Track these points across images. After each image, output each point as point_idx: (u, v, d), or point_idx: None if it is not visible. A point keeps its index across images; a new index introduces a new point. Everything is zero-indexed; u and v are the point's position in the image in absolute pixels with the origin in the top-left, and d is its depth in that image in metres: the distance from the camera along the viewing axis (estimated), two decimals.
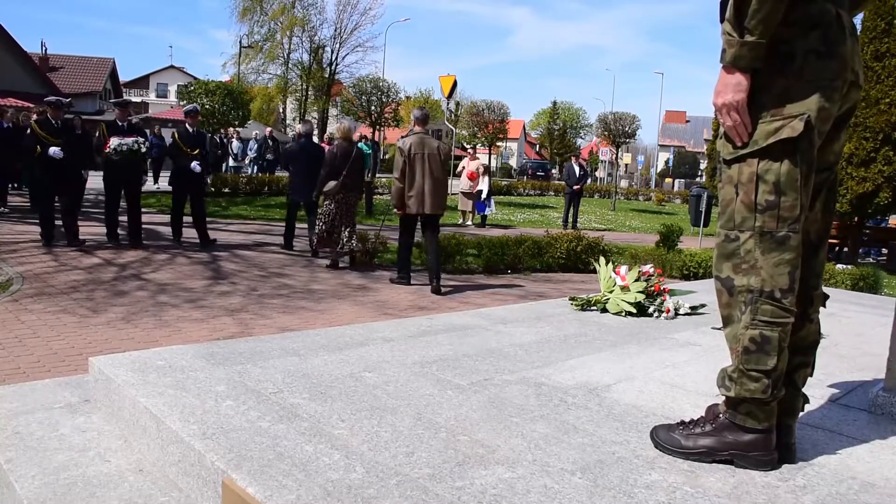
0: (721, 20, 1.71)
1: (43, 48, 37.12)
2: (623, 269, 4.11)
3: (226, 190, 16.14)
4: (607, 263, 4.26)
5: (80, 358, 4.12)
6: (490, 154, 44.66)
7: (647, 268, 4.18)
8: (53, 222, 8.18)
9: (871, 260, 14.29)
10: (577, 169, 17.06)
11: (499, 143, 48.70)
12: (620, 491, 1.65)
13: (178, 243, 8.99)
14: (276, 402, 2.13)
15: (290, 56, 37.51)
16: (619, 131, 29.82)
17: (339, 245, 7.97)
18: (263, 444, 1.79)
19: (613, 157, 32.41)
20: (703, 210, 13.52)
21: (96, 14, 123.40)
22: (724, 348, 1.91)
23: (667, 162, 61.97)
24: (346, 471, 1.66)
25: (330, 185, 7.79)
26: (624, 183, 43.79)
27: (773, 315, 1.70)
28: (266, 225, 11.72)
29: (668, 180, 53.19)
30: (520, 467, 1.75)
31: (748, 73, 1.67)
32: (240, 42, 35.76)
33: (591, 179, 31.08)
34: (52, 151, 7.80)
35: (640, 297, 3.91)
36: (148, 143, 8.61)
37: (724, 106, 1.69)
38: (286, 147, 10.82)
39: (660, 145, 64.47)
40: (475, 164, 15.54)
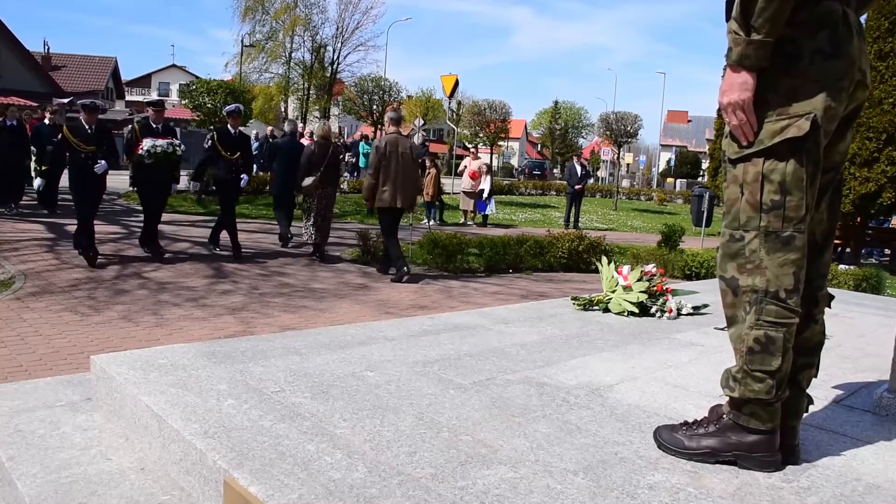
0: (727, 19, 1.70)
1: (45, 47, 37.24)
2: (625, 268, 4.09)
3: None
4: (609, 263, 4.24)
5: (81, 356, 4.13)
6: (491, 153, 44.66)
7: (650, 268, 4.16)
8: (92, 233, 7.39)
9: (873, 260, 14.25)
10: (578, 169, 17.06)
11: (500, 143, 48.72)
12: (623, 492, 1.64)
13: (214, 250, 8.55)
14: (278, 401, 2.13)
15: (292, 55, 37.51)
16: (620, 131, 29.84)
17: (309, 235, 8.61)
18: (265, 443, 1.78)
19: (615, 156, 32.43)
20: (705, 210, 13.49)
21: (98, 13, 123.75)
22: (727, 349, 1.90)
23: (668, 162, 61.92)
24: (348, 470, 1.66)
25: (308, 181, 8.26)
26: (626, 183, 43.72)
27: (778, 315, 1.69)
28: (267, 224, 11.72)
29: (669, 180, 53.11)
30: (522, 467, 1.74)
31: (754, 72, 1.65)
32: (241, 41, 35.78)
33: (593, 179, 31.05)
34: (98, 168, 7.13)
35: (643, 297, 3.90)
36: (183, 147, 7.94)
37: (730, 105, 1.68)
38: (272, 142, 11.35)
39: (661, 145, 64.36)
40: (477, 164, 15.58)
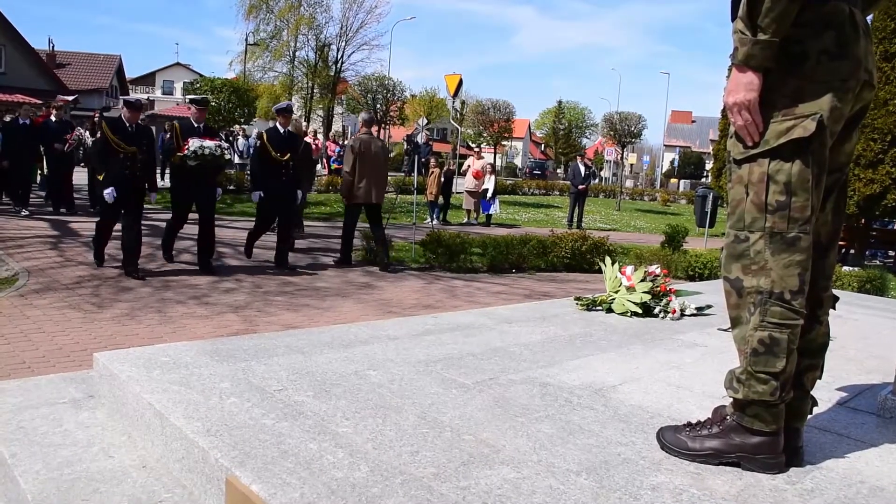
0: (732, 18, 1.69)
1: (50, 45, 37.28)
2: (629, 269, 4.08)
3: (231, 187, 16.20)
4: (613, 263, 4.23)
5: (84, 353, 4.13)
6: (495, 153, 44.65)
7: (653, 268, 4.15)
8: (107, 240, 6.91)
9: (877, 262, 14.19)
10: (582, 169, 17.03)
11: (504, 143, 48.70)
12: (626, 493, 1.63)
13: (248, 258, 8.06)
14: (281, 400, 2.13)
15: (296, 54, 37.52)
16: (624, 131, 29.79)
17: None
18: (267, 442, 1.78)
19: (619, 156, 32.35)
20: (709, 211, 13.48)
21: (103, 11, 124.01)
22: (731, 349, 1.89)
23: (672, 162, 61.82)
24: (350, 469, 1.65)
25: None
26: (629, 183, 43.66)
27: (783, 317, 1.68)
28: None
29: (673, 181, 53.05)
30: (525, 468, 1.74)
31: (760, 73, 1.64)
32: (246, 40, 35.79)
33: (597, 179, 30.98)
34: (107, 195, 6.38)
35: (646, 298, 3.89)
36: (230, 150, 7.12)
37: (736, 105, 1.67)
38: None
39: (665, 145, 64.22)
40: (481, 164, 15.58)
